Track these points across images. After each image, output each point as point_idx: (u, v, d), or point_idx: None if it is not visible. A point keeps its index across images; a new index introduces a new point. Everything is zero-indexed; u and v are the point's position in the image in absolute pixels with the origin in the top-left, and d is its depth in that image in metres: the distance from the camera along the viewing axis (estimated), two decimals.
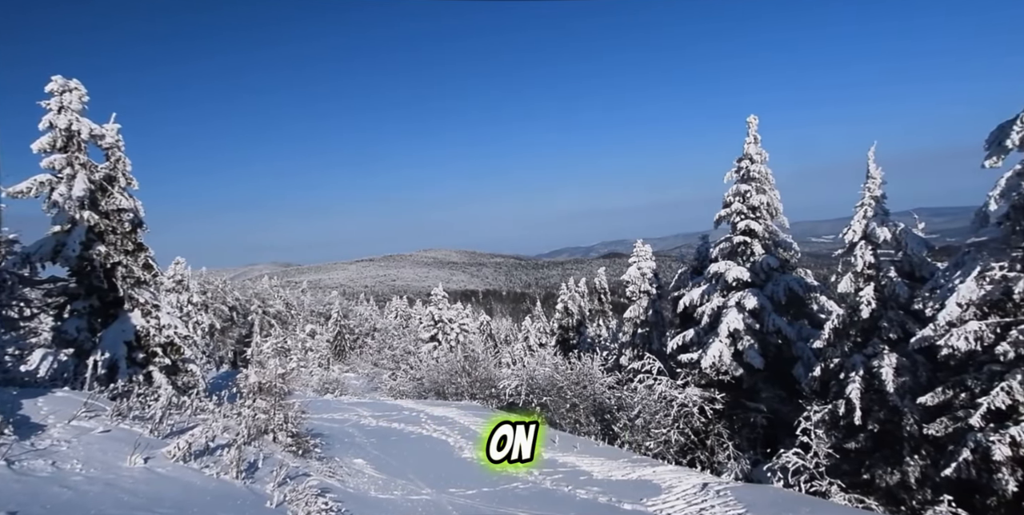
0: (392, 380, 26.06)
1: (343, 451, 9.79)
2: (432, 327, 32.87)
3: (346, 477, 7.83)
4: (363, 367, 35.46)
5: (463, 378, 19.90)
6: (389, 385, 25.53)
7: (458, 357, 21.69)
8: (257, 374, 7.84)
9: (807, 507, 7.27)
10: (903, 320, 10.69)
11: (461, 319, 33.72)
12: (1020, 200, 8.38)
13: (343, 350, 44.62)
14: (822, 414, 10.88)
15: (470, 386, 19.56)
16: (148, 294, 12.56)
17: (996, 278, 8.33)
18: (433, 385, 21.01)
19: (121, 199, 12.29)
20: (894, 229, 10.94)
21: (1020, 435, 7.67)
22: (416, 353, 29.09)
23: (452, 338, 32.29)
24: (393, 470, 9.09)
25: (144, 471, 5.07)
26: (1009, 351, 8.05)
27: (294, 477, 6.23)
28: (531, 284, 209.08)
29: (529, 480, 8.90)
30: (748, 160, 14.58)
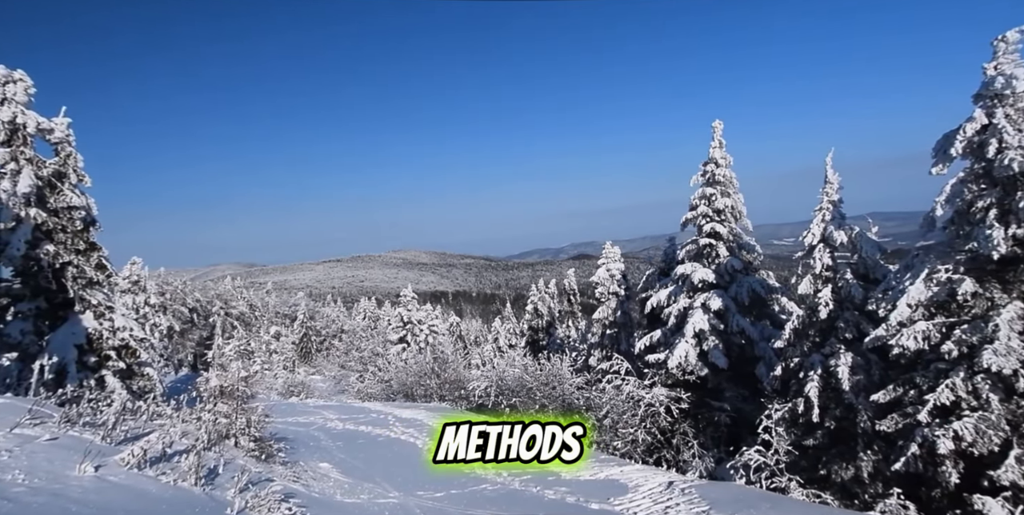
0: (360, 382, 25.66)
1: (308, 455, 9.58)
2: (401, 328, 32.53)
3: (311, 481, 7.66)
4: (330, 369, 34.82)
5: (432, 380, 19.73)
6: (356, 387, 25.13)
7: (427, 359, 21.50)
8: (219, 377, 7.59)
9: (767, 503, 7.46)
10: (858, 320, 11.12)
11: (430, 320, 33.48)
12: (963, 206, 8.83)
13: (309, 352, 43.71)
14: (782, 412, 11.21)
15: (439, 388, 19.41)
16: (101, 295, 12.02)
17: (942, 280, 8.75)
18: (402, 387, 20.77)
19: (72, 196, 11.74)
20: (850, 232, 11.38)
21: (962, 429, 8.06)
22: (384, 355, 28.72)
23: (421, 339, 32.03)
24: (360, 473, 8.94)
25: (94, 480, 4.84)
26: (953, 350, 8.46)
27: (256, 483, 6.05)
28: (501, 285, 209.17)
29: (498, 481, 8.89)
30: (713, 164, 14.94)
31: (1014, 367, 7.89)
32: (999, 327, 7.99)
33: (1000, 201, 8.42)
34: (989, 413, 8.11)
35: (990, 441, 7.99)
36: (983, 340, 8.15)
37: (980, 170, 8.71)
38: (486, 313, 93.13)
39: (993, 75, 8.43)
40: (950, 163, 8.83)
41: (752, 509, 7.14)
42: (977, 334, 8.27)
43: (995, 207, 8.42)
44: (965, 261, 8.79)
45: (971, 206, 8.71)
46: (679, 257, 15.50)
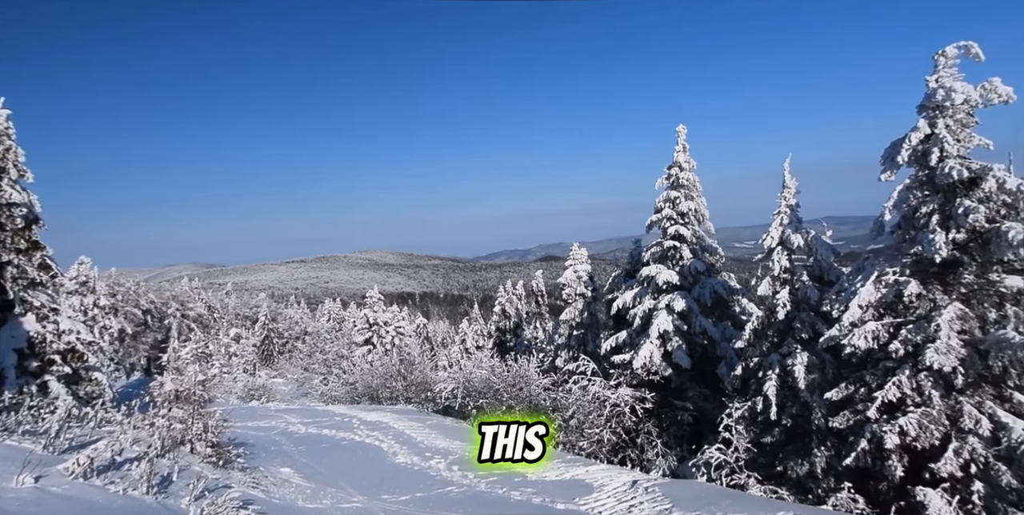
0: (323, 385, 25.14)
1: (269, 460, 9.34)
2: (367, 330, 32.04)
3: (271, 487, 7.46)
4: (293, 372, 34.02)
5: (398, 382, 19.50)
6: (320, 390, 24.62)
7: (393, 360, 21.24)
8: (174, 381, 7.32)
9: (727, 500, 7.66)
10: (813, 321, 11.54)
11: (397, 322, 33.10)
12: (909, 211, 9.28)
13: (271, 355, 42.58)
14: (742, 410, 11.52)
15: (405, 390, 19.19)
16: (45, 297, 11.43)
17: (890, 282, 9.16)
18: (367, 389, 20.45)
19: (11, 192, 11.12)
20: (806, 236, 11.81)
21: (907, 425, 8.45)
22: (349, 357, 28.22)
23: (387, 341, 31.63)
24: (323, 478, 8.76)
25: (34, 491, 4.59)
26: (899, 349, 8.87)
27: (213, 490, 5.85)
28: (469, 286, 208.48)
29: (464, 483, 8.85)
30: (677, 168, 15.26)
31: (953, 365, 8.32)
32: (940, 327, 8.42)
33: (942, 207, 8.89)
34: (931, 409, 8.53)
35: (932, 435, 8.40)
36: (926, 339, 8.58)
37: (924, 177, 9.17)
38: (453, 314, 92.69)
39: (934, 88, 8.89)
40: (897, 170, 9.27)
41: (713, 506, 7.31)
42: (921, 334, 8.70)
43: (937, 213, 8.88)
44: (911, 264, 9.23)
45: (916, 211, 9.16)
46: (644, 259, 15.76)
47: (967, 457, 8.29)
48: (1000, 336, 8.15)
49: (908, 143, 8.99)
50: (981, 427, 8.18)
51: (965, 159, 8.78)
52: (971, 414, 8.27)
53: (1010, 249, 8.04)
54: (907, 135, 9.08)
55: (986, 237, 8.50)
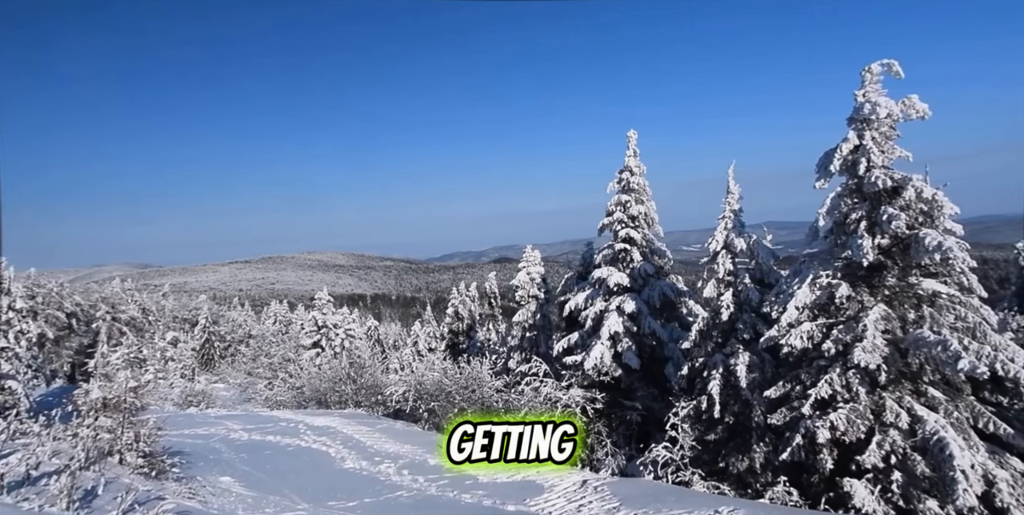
0: (268, 390, 24.24)
1: (207, 469, 8.91)
2: (315, 333, 31.13)
3: (209, 497, 7.12)
4: (235, 377, 32.65)
5: (348, 385, 19.05)
6: (265, 395, 23.73)
7: (343, 364, 20.74)
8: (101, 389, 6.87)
9: (673, 496, 7.90)
10: (755, 322, 12.05)
11: (347, 324, 32.31)
12: (840, 217, 9.87)
13: (212, 359, 40.67)
14: (688, 409, 11.90)
15: (355, 393, 18.78)
16: None
17: (823, 285, 9.71)
18: (314, 394, 19.87)
19: None
20: (749, 240, 12.34)
21: (837, 420, 8.97)
22: (297, 360, 27.32)
23: (337, 344, 30.82)
24: (266, 486, 8.44)
25: None
26: (831, 348, 9.40)
27: (144, 502, 5.53)
28: (422, 288, 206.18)
29: (414, 488, 8.73)
30: (628, 172, 15.63)
31: (878, 362, 8.90)
32: (867, 327, 8.99)
33: (869, 214, 9.50)
34: (858, 404, 9.08)
35: (858, 429, 8.94)
36: (855, 339, 9.13)
37: (853, 186, 9.78)
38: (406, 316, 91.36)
39: (862, 102, 9.51)
40: (830, 178, 9.85)
41: (659, 503, 7.52)
42: (850, 333, 9.25)
43: (865, 219, 9.48)
44: (842, 267, 9.81)
45: (846, 218, 9.76)
46: (596, 261, 16.04)
47: (888, 449, 8.88)
48: (918, 335, 8.78)
49: (839, 153, 9.58)
50: (901, 421, 8.78)
51: (889, 169, 9.43)
52: (892, 409, 8.86)
53: (927, 254, 8.68)
54: (839, 145, 9.67)
55: (906, 243, 9.15)
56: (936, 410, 8.90)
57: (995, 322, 9.13)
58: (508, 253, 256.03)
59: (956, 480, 7.97)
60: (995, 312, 9.56)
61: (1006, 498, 8.30)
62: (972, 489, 8.02)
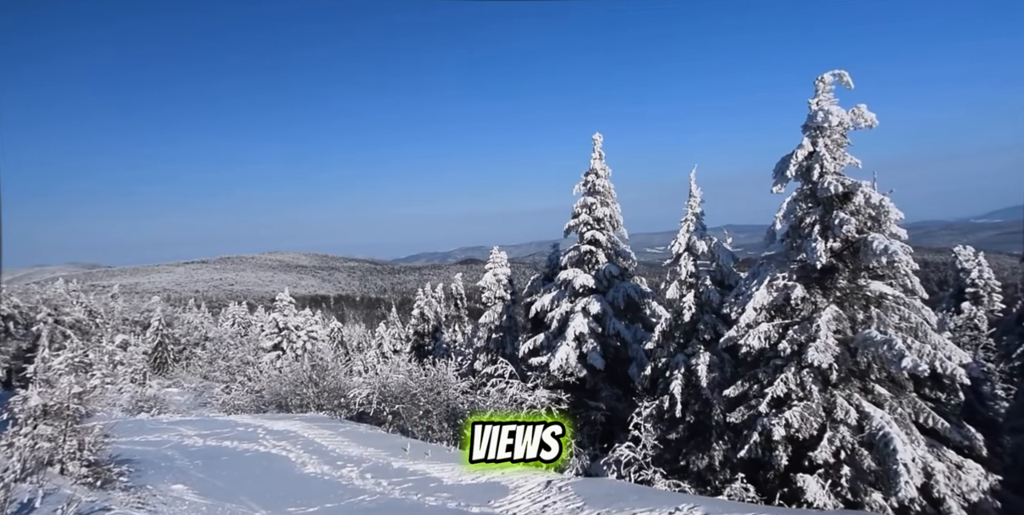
0: (225, 394, 23.47)
1: (158, 477, 8.55)
2: (276, 335, 30.32)
3: (160, 506, 6.83)
4: (190, 381, 31.47)
5: (309, 388, 18.61)
6: (222, 399, 22.96)
7: (305, 366, 20.26)
8: (41, 395, 6.51)
9: (635, 495, 8.02)
10: (715, 323, 12.37)
11: (309, 326, 31.59)
12: (795, 221, 10.24)
13: (165, 363, 39.10)
14: (650, 409, 12.12)
15: (317, 397, 18.36)
16: None
17: (780, 286, 10.05)
18: (275, 397, 19.34)
19: None
20: (710, 243, 12.67)
21: (791, 418, 9.30)
22: (256, 363, 26.54)
23: (298, 346, 30.10)
24: (221, 493, 8.16)
25: None
26: (787, 348, 9.74)
27: (88, 513, 5.26)
28: (387, 289, 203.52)
29: (377, 491, 8.60)
30: (594, 174, 15.83)
31: (829, 361, 9.27)
32: (820, 327, 9.35)
33: (822, 218, 9.89)
34: (811, 402, 9.44)
35: (811, 426, 9.29)
36: (808, 339, 9.48)
37: (808, 191, 10.17)
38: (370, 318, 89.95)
39: (816, 110, 9.92)
40: (787, 183, 10.22)
41: (621, 502, 7.62)
42: (804, 334, 9.61)
43: (818, 223, 9.87)
44: (797, 270, 10.18)
45: (801, 222, 10.13)
46: (562, 263, 16.17)
47: (838, 445, 9.25)
48: (866, 335, 9.19)
49: (795, 159, 9.95)
50: (850, 417, 9.16)
51: (840, 175, 9.84)
52: (843, 406, 9.25)
53: (874, 257, 9.10)
54: (794, 152, 10.05)
55: (856, 246, 9.57)
56: (882, 406, 9.32)
57: (935, 322, 9.64)
58: (475, 254, 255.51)
59: (899, 473, 8.36)
60: (935, 312, 10.10)
61: (942, 489, 8.76)
62: (913, 481, 8.44)
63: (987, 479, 9.04)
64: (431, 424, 14.50)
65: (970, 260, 23.01)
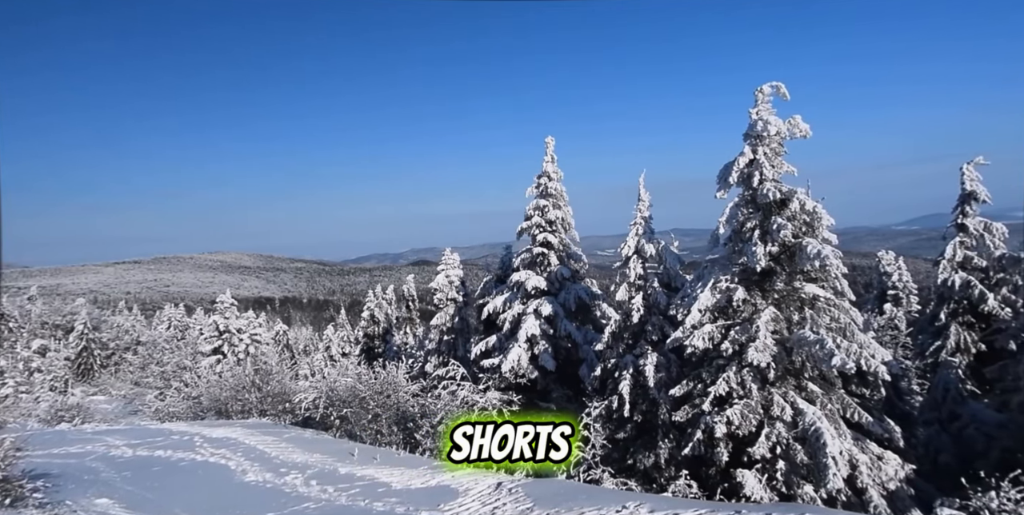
0: (159, 401, 22.19)
1: (79, 492, 7.98)
2: (216, 338, 28.96)
3: None
4: (119, 388, 29.61)
5: (252, 394, 17.85)
6: (155, 407, 21.69)
7: (247, 370, 19.41)
8: None
9: (584, 494, 8.12)
10: (662, 324, 12.75)
11: (252, 329, 30.35)
12: (737, 226, 10.72)
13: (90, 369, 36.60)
14: (600, 409, 12.32)
15: (260, 402, 17.64)
16: None
17: (723, 289, 10.48)
18: (214, 403, 18.44)
19: None
20: (658, 246, 13.06)
21: (732, 415, 9.70)
22: (194, 368, 25.25)
23: (241, 350, 28.85)
24: (152, 507, 7.70)
25: None
26: (729, 348, 10.16)
27: None
28: (335, 291, 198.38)
29: (322, 498, 8.34)
30: (546, 177, 16.01)
31: (768, 361, 9.74)
32: (759, 328, 9.81)
33: (762, 223, 10.39)
34: (751, 400, 9.88)
35: (750, 423, 9.73)
36: (749, 339, 9.93)
37: (748, 196, 10.66)
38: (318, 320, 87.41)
39: (755, 119, 10.42)
40: (729, 189, 10.69)
41: (570, 502, 7.70)
42: (745, 334, 10.05)
43: (758, 228, 10.36)
44: (739, 273, 10.64)
45: (743, 226, 10.61)
46: (515, 265, 16.25)
47: (775, 440, 9.72)
48: (800, 335, 9.70)
49: (737, 166, 10.42)
50: (785, 414, 9.65)
51: (778, 182, 10.38)
52: (779, 403, 9.72)
53: (808, 261, 9.64)
54: (736, 159, 10.52)
55: (792, 250, 10.10)
56: (814, 403, 9.87)
57: (861, 322, 10.31)
58: (427, 256, 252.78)
59: (828, 466, 8.88)
60: (861, 313, 10.79)
61: (865, 479, 9.36)
62: (840, 473, 8.97)
63: (903, 468, 9.73)
64: (380, 428, 14.22)
65: (891, 264, 24.77)
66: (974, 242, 14.68)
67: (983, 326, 14.76)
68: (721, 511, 6.46)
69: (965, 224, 14.75)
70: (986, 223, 14.53)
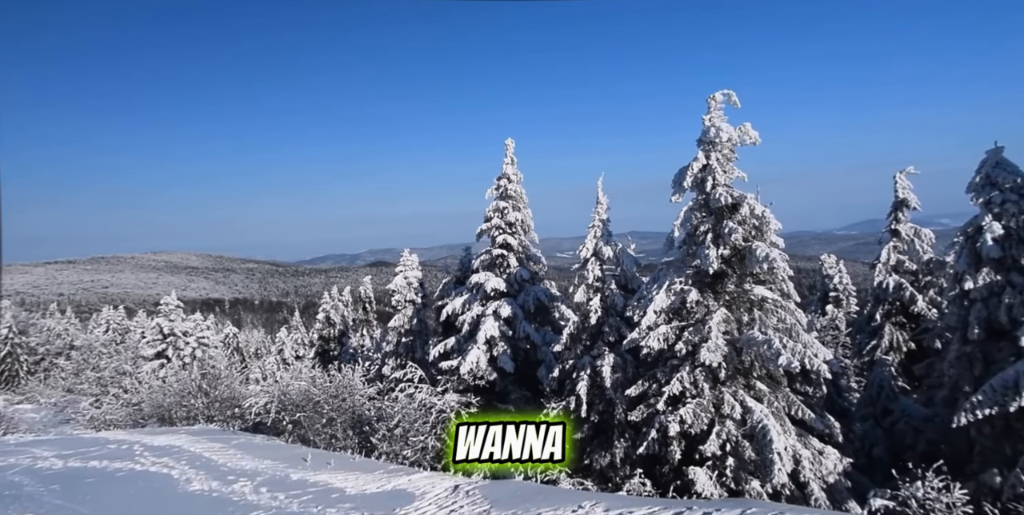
0: (95, 408, 20.94)
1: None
2: (160, 341, 27.59)
3: None
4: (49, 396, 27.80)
5: (199, 399, 17.10)
6: (90, 415, 20.45)
7: (194, 375, 18.59)
8: None
9: (541, 495, 8.16)
10: (619, 325, 12.97)
11: (200, 331, 29.08)
12: (691, 229, 11.04)
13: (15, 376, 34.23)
14: (558, 410, 12.44)
15: (207, 407, 16.92)
16: None
17: (677, 291, 10.76)
18: (156, 410, 17.55)
19: None
20: (615, 248, 13.29)
21: (685, 414, 9.97)
22: (135, 373, 23.96)
23: (187, 354, 27.59)
24: None
25: None
26: (683, 349, 10.44)
27: None
28: (289, 292, 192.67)
29: (272, 506, 8.06)
30: (506, 179, 16.05)
31: (719, 361, 10.06)
32: (711, 329, 10.12)
33: (714, 227, 10.74)
34: (703, 399, 10.17)
35: (702, 422, 10.01)
36: (702, 340, 10.23)
37: (702, 201, 11.00)
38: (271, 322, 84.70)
39: (708, 126, 10.78)
40: (684, 193, 11.00)
41: (527, 503, 7.72)
42: (698, 335, 10.35)
43: (711, 232, 10.71)
44: (692, 275, 10.95)
45: (696, 230, 10.93)
46: (474, 266, 16.20)
47: (725, 438, 10.05)
48: (749, 336, 10.07)
49: (691, 171, 10.74)
50: (735, 412, 9.98)
51: (729, 187, 10.75)
52: (729, 402, 10.05)
53: (757, 264, 10.02)
54: (690, 164, 10.84)
55: (743, 253, 10.48)
56: (762, 401, 10.26)
57: (805, 323, 10.80)
58: (385, 257, 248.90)
59: (773, 461, 9.24)
60: (805, 314, 11.30)
61: (808, 474, 9.80)
62: (785, 468, 9.36)
63: (841, 462, 10.23)
64: (335, 432, 13.88)
65: (833, 267, 26.08)
66: (906, 247, 15.64)
67: (913, 326, 15.74)
68: (672, 508, 6.62)
69: (898, 230, 15.69)
70: (916, 229, 15.51)
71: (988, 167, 10.43)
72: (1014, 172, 10.23)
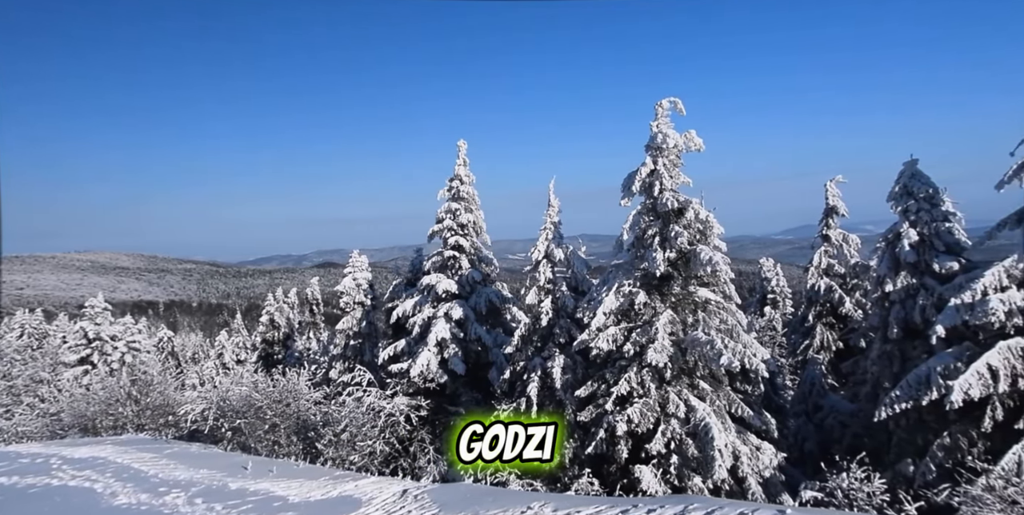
0: (6, 420, 19.30)
1: None
2: (84, 346, 25.79)
3: None
4: None
5: (128, 407, 16.05)
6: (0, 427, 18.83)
7: (122, 382, 17.44)
8: None
9: (490, 497, 8.14)
10: (570, 327, 13.13)
11: (130, 335, 27.39)
12: (640, 233, 11.34)
13: None
14: (508, 412, 12.46)
15: (137, 416, 15.91)
16: None
17: (626, 293, 11.01)
18: (78, 419, 16.35)
19: None
20: (567, 250, 13.46)
21: (633, 414, 10.21)
22: (54, 381, 22.27)
23: (115, 359, 25.92)
24: None
25: None
26: (631, 349, 10.69)
27: None
28: (231, 294, 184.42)
29: None
30: (459, 181, 15.98)
31: (665, 361, 10.35)
32: (658, 330, 10.41)
33: (662, 231, 11.07)
34: (650, 399, 10.44)
35: (649, 421, 10.28)
36: (649, 341, 10.50)
37: (650, 205, 11.32)
38: (209, 325, 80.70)
39: (656, 132, 11.11)
40: (633, 197, 11.28)
41: (476, 505, 7.68)
42: (645, 336, 10.62)
43: (659, 235, 11.03)
44: (640, 277, 11.23)
45: (644, 233, 11.23)
46: (425, 268, 16.02)
47: (669, 436, 10.35)
48: (694, 336, 10.43)
49: (639, 175, 11.03)
50: (680, 411, 10.30)
51: (676, 192, 11.11)
52: (674, 401, 10.37)
53: (702, 267, 10.40)
54: (639, 169, 11.13)
55: (688, 257, 10.85)
56: (705, 400, 10.63)
57: (745, 324, 11.29)
58: (333, 258, 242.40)
59: (715, 458, 9.60)
60: (745, 316, 11.81)
61: (745, 469, 10.23)
62: (725, 464, 9.74)
63: (776, 457, 10.74)
64: (278, 439, 13.35)
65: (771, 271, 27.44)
66: (835, 251, 16.63)
67: (842, 326, 16.76)
68: (618, 506, 6.75)
69: (828, 235, 16.67)
70: (844, 234, 16.53)
71: (905, 178, 11.26)
72: (927, 183, 11.10)
